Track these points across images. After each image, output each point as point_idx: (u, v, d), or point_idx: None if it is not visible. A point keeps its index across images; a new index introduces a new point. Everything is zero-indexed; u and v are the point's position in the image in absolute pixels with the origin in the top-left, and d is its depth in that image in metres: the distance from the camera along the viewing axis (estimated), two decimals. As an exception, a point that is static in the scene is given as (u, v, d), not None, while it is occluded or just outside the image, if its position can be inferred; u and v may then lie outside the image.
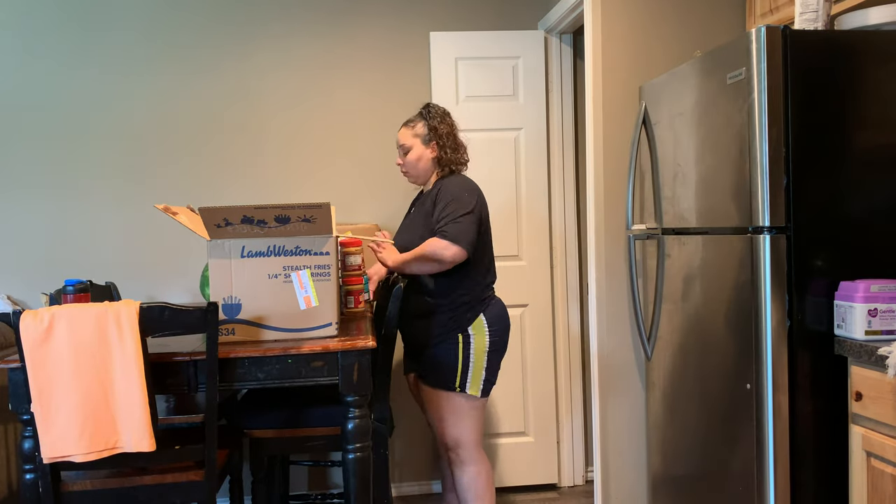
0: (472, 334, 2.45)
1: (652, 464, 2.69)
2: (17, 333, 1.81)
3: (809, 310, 1.96)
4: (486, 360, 2.46)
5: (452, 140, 2.53)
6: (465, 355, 2.44)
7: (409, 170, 2.57)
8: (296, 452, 2.47)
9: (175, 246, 3.29)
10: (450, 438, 2.49)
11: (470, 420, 2.48)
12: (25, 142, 3.21)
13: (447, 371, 2.44)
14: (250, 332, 2.03)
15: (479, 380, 2.45)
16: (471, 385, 2.45)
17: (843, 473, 1.96)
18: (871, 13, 2.12)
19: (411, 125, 2.56)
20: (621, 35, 2.77)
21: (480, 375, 2.45)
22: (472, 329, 2.45)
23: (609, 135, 2.79)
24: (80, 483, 1.99)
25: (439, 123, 2.52)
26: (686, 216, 2.36)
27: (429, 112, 2.55)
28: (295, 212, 1.94)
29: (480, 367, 2.45)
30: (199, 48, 3.29)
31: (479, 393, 2.45)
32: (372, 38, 3.37)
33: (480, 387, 2.46)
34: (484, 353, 2.45)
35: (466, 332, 2.45)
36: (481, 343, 2.45)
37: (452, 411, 2.46)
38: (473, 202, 2.42)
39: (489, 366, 2.47)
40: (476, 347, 2.45)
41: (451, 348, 2.44)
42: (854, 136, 1.98)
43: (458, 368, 2.43)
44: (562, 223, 3.48)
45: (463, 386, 2.44)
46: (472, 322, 2.46)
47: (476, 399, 2.47)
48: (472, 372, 2.44)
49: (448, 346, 2.45)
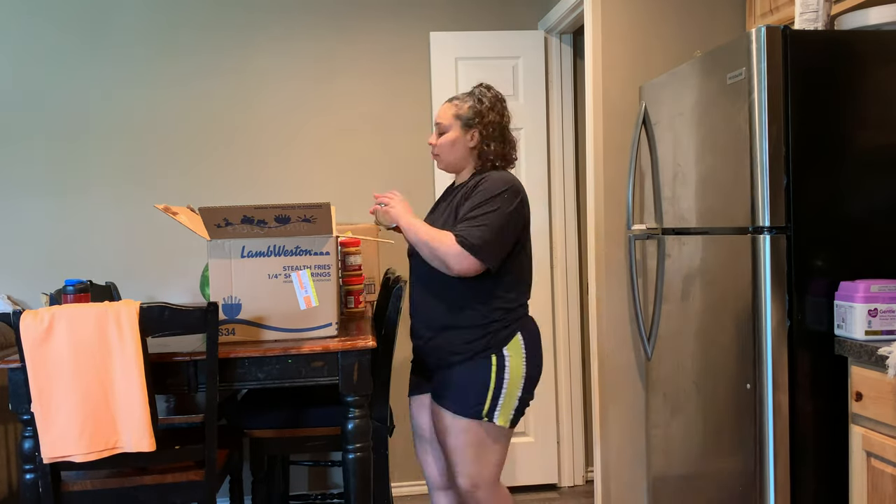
0: (508, 355, 2.09)
1: (652, 464, 2.69)
2: (17, 333, 1.81)
3: (809, 310, 1.96)
4: (523, 386, 2.10)
5: (500, 132, 2.15)
6: (499, 379, 2.07)
7: (440, 152, 2.19)
8: (296, 452, 2.47)
9: (175, 246, 3.29)
10: (466, 477, 2.10)
11: (493, 456, 2.12)
12: (25, 142, 3.21)
13: (474, 396, 2.07)
14: (250, 332, 2.03)
15: (510, 408, 2.09)
16: (500, 414, 2.08)
17: (843, 473, 1.96)
18: (871, 13, 2.12)
19: (455, 103, 2.18)
20: (621, 35, 2.77)
21: (513, 404, 2.09)
22: (508, 350, 2.09)
23: (609, 135, 2.79)
24: (80, 483, 1.99)
25: (488, 109, 2.14)
26: (686, 216, 2.36)
27: (481, 93, 2.17)
28: (295, 212, 1.94)
29: (514, 394, 2.09)
30: (200, 49, 3.29)
31: (507, 423, 2.09)
32: (372, 38, 3.37)
33: (511, 416, 2.09)
34: (521, 378, 2.09)
35: (501, 353, 2.08)
36: (517, 366, 2.09)
37: (474, 443, 2.08)
38: (513, 206, 2.05)
39: (524, 395, 2.11)
40: (512, 371, 2.08)
41: (481, 370, 2.07)
42: (854, 136, 1.98)
43: (488, 394, 2.07)
44: (562, 223, 3.48)
45: (491, 414, 2.07)
46: (509, 341, 2.10)
47: (504, 429, 2.11)
48: (503, 399, 2.08)
49: (477, 367, 2.08)
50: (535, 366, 2.14)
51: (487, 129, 2.13)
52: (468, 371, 2.07)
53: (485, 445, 2.09)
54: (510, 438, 2.17)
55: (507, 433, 2.14)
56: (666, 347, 2.54)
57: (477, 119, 2.13)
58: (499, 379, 2.07)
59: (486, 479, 2.11)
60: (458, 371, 2.08)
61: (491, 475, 2.12)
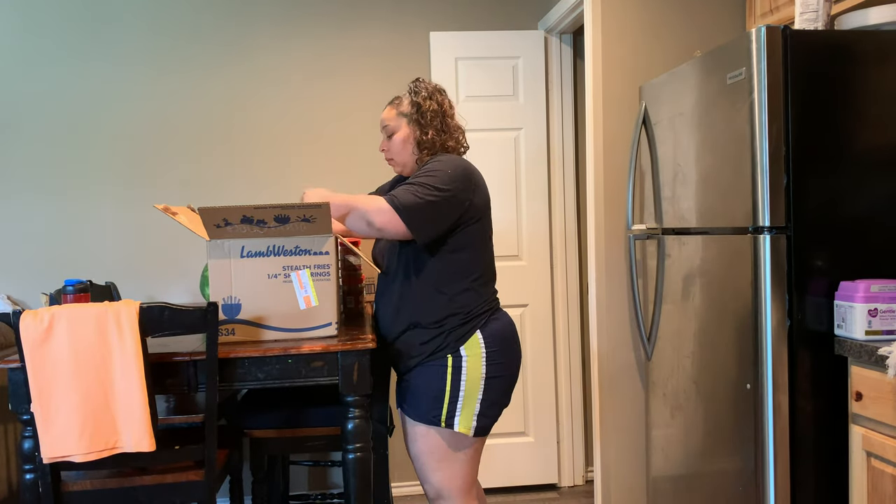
0: (466, 356, 1.97)
1: (652, 464, 2.69)
2: (17, 333, 1.81)
3: (809, 310, 1.96)
4: (483, 389, 1.96)
5: (440, 121, 2.08)
6: (455, 381, 1.96)
7: (394, 155, 2.13)
8: (296, 452, 2.47)
9: (175, 246, 3.29)
10: (430, 486, 2.03)
11: (458, 465, 2.00)
12: (26, 142, 3.21)
13: (431, 400, 1.98)
14: (250, 332, 2.03)
15: (470, 414, 1.96)
16: (460, 420, 1.95)
17: (843, 473, 1.96)
18: (871, 13, 2.12)
19: (396, 102, 2.14)
20: (621, 35, 2.77)
21: (473, 409, 1.96)
22: (466, 349, 1.97)
23: (609, 135, 2.79)
24: (80, 483, 1.99)
25: (425, 99, 2.09)
26: (686, 216, 2.36)
27: (416, 86, 2.13)
28: (294, 211, 1.94)
29: (473, 398, 1.96)
30: (200, 49, 3.28)
31: (469, 431, 1.96)
32: (372, 38, 3.37)
33: (473, 424, 1.96)
34: (479, 379, 1.96)
35: (458, 353, 1.97)
36: (476, 367, 1.96)
37: (434, 452, 1.99)
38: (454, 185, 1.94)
39: (486, 397, 1.97)
40: (469, 372, 1.96)
41: (436, 372, 1.98)
42: (854, 136, 1.98)
43: (445, 398, 1.96)
44: (562, 223, 3.48)
45: (450, 421, 1.96)
46: (466, 340, 1.98)
47: (466, 438, 1.98)
48: (462, 403, 1.96)
49: (433, 369, 1.99)
50: (499, 366, 1.99)
51: (425, 118, 2.07)
52: (425, 373, 2.00)
53: (446, 454, 1.99)
54: (479, 448, 2.03)
55: (472, 442, 2.00)
56: (666, 347, 2.53)
57: (415, 110, 2.08)
58: (455, 381, 1.96)
59: (451, 490, 2.01)
60: (415, 374, 2.03)
61: (456, 487, 2.01)
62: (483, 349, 1.98)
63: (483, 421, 1.98)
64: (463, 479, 2.02)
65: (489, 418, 1.99)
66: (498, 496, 3.40)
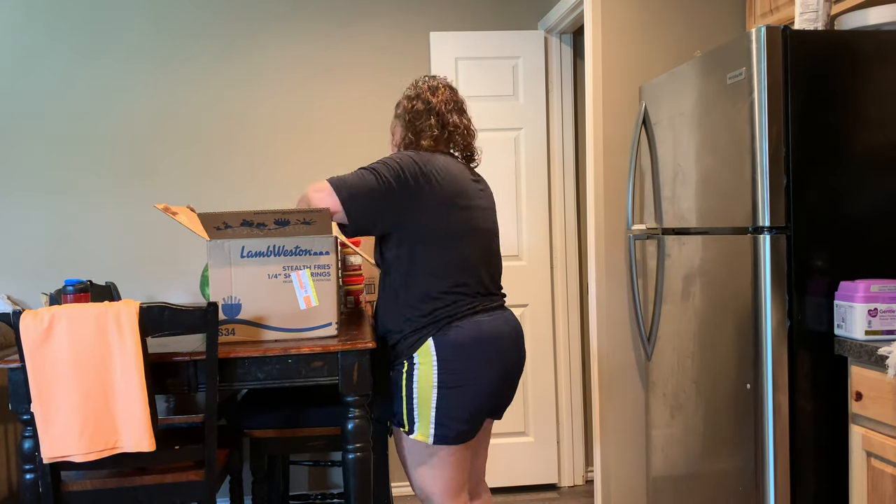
0: (417, 363, 1.93)
1: (652, 464, 2.69)
2: (17, 333, 1.81)
3: (809, 310, 1.96)
4: (436, 398, 1.90)
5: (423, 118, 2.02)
6: (409, 388, 1.94)
7: None
8: (296, 452, 2.47)
9: (175, 246, 3.29)
10: (414, 486, 2.05)
11: (431, 470, 1.97)
12: (26, 142, 3.21)
13: (396, 404, 2.00)
14: (250, 332, 2.03)
15: (426, 423, 1.92)
16: (418, 428, 1.93)
17: (843, 473, 1.96)
18: (871, 13, 2.12)
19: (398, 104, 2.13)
20: (621, 35, 2.77)
21: (428, 418, 1.91)
22: (418, 356, 1.93)
23: (609, 135, 2.79)
24: (80, 483, 1.99)
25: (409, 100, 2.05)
26: (686, 216, 2.36)
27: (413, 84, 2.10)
28: (294, 216, 1.94)
29: (427, 406, 1.91)
30: (200, 48, 3.28)
31: (427, 439, 1.92)
32: (372, 38, 3.37)
33: (430, 432, 1.92)
34: (430, 388, 1.90)
35: (411, 359, 1.95)
36: (426, 374, 1.91)
37: (409, 454, 2.01)
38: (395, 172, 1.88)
39: (440, 406, 1.90)
40: (420, 381, 1.92)
41: (397, 377, 1.99)
42: (854, 136, 1.98)
43: (402, 404, 1.97)
44: (562, 223, 3.48)
45: (410, 428, 1.95)
46: (417, 347, 1.93)
47: (426, 446, 1.95)
48: (417, 412, 1.93)
49: (396, 374, 2.00)
50: (457, 376, 1.89)
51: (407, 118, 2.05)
52: (392, 377, 2.03)
53: (417, 458, 1.98)
54: (450, 455, 1.96)
55: (443, 449, 1.94)
56: (666, 347, 2.54)
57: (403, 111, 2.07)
58: (408, 388, 1.95)
59: (432, 492, 2.00)
60: (390, 377, 2.06)
61: (437, 490, 1.98)
62: (434, 357, 1.91)
63: (442, 430, 1.91)
64: (443, 482, 1.98)
65: (449, 428, 1.91)
66: (498, 496, 3.40)
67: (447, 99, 2.06)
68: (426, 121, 2.02)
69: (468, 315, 1.95)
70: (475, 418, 1.95)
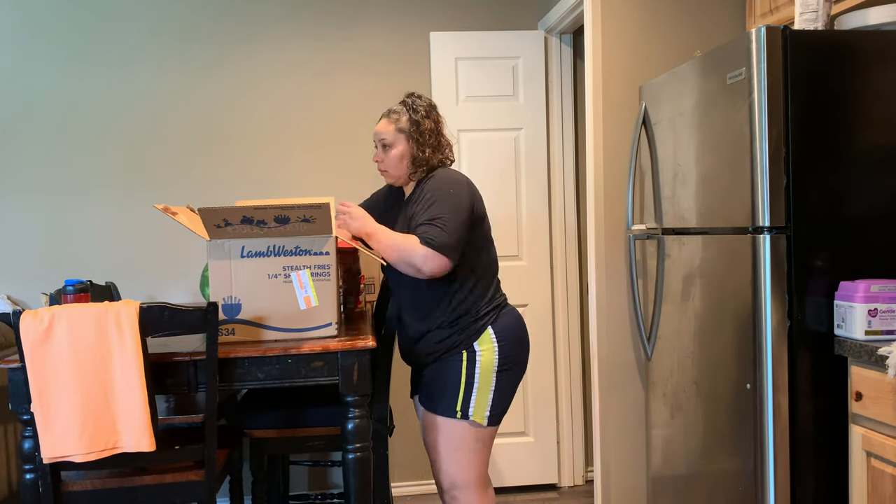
0: (479, 350, 2.10)
1: (652, 464, 2.69)
2: (17, 333, 1.81)
3: (809, 310, 1.96)
4: (495, 380, 2.10)
5: (435, 138, 2.19)
6: (470, 375, 2.09)
7: (388, 168, 2.20)
8: (296, 452, 2.47)
9: (175, 246, 3.29)
10: (445, 476, 2.14)
11: (472, 455, 2.12)
12: (26, 142, 3.21)
13: (447, 394, 2.11)
14: (250, 332, 2.03)
15: (484, 405, 2.10)
16: (475, 410, 2.09)
17: (843, 473, 1.96)
18: (871, 13, 2.12)
19: (394, 117, 2.19)
20: (621, 35, 2.77)
21: (487, 399, 2.10)
22: (479, 344, 2.11)
23: (609, 135, 2.79)
24: (80, 483, 1.99)
25: (423, 118, 2.18)
26: (686, 216, 2.36)
27: (413, 102, 2.21)
28: (294, 212, 1.94)
29: (487, 389, 2.10)
30: (199, 48, 3.28)
31: (484, 421, 2.10)
32: (372, 38, 3.37)
33: (486, 413, 2.10)
34: (492, 372, 2.10)
35: (472, 348, 2.11)
36: (489, 360, 2.10)
37: (450, 442, 2.12)
38: (463, 202, 2.08)
39: (498, 388, 2.11)
40: (482, 365, 2.10)
41: (452, 367, 2.11)
42: (854, 136, 1.98)
43: (460, 390, 2.10)
44: (562, 223, 3.48)
45: (465, 412, 2.09)
46: (480, 335, 2.11)
47: (481, 429, 2.11)
48: (476, 395, 2.09)
49: (449, 364, 2.12)
50: (509, 359, 2.13)
51: (423, 137, 2.17)
52: (442, 368, 2.13)
53: (459, 444, 2.11)
54: (491, 438, 2.15)
55: (486, 432, 2.13)
56: (666, 347, 2.54)
57: (415, 128, 2.17)
58: (469, 375, 2.09)
59: (466, 479, 2.12)
60: (433, 369, 2.15)
61: (470, 477, 2.12)
62: (495, 344, 2.11)
63: (496, 410, 2.11)
64: (477, 469, 2.13)
65: (501, 409, 2.12)
66: (498, 496, 3.40)
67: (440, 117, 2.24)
68: (439, 141, 2.20)
69: (506, 304, 2.20)
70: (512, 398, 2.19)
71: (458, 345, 2.11)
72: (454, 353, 2.12)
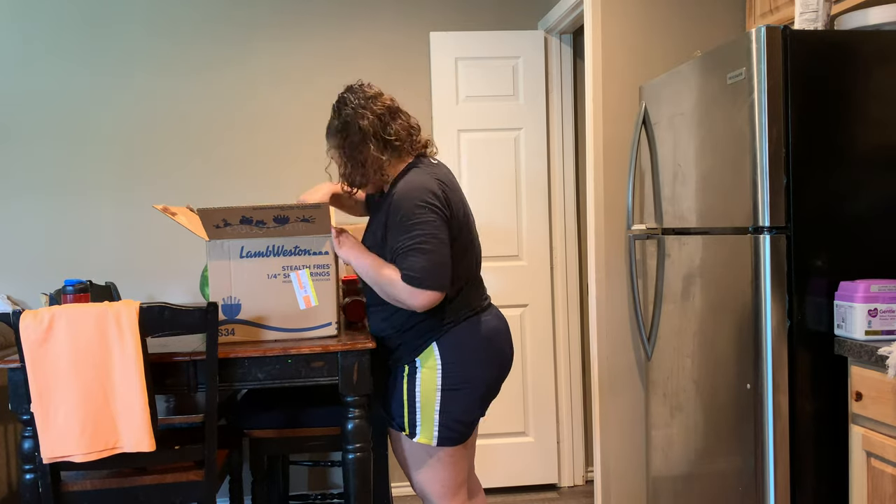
0: (420, 367, 1.94)
1: (652, 464, 2.69)
2: (17, 333, 1.81)
3: (809, 310, 1.96)
4: (440, 401, 1.91)
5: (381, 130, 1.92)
6: (410, 392, 1.94)
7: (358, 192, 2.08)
8: (296, 452, 2.47)
9: (175, 246, 3.29)
10: (414, 486, 2.06)
11: (433, 471, 1.98)
12: (26, 142, 3.21)
13: (396, 408, 1.99)
14: (250, 332, 2.03)
15: (430, 426, 1.92)
16: (421, 431, 1.93)
17: (843, 473, 1.96)
18: (871, 13, 2.12)
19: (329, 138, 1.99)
20: (621, 35, 2.77)
21: (432, 420, 1.92)
22: (420, 360, 1.94)
23: (609, 135, 2.79)
24: (80, 483, 1.99)
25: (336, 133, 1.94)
26: (686, 216, 2.36)
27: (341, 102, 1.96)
28: (293, 212, 1.94)
29: (430, 409, 1.91)
30: (199, 49, 3.28)
31: (431, 441, 1.93)
32: (372, 38, 3.37)
33: (434, 434, 1.92)
34: (434, 391, 1.91)
35: (413, 364, 1.95)
36: (430, 378, 1.92)
37: (409, 456, 2.02)
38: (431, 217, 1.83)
39: (444, 409, 1.91)
40: (423, 384, 1.92)
41: (397, 381, 1.99)
42: (854, 136, 1.98)
43: (404, 408, 1.96)
44: (562, 223, 3.48)
45: (412, 431, 1.95)
46: (420, 351, 1.94)
47: (429, 448, 1.95)
48: (420, 415, 1.93)
49: (396, 378, 2.00)
50: (458, 378, 1.91)
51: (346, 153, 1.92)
52: (392, 381, 2.02)
53: (417, 459, 1.99)
54: (453, 453, 1.97)
55: (444, 450, 1.95)
56: (666, 347, 2.53)
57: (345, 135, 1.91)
58: (410, 392, 1.95)
59: (432, 493, 2.01)
60: (388, 380, 2.05)
61: (436, 491, 2.00)
62: (438, 361, 1.92)
63: (447, 431, 1.93)
64: (441, 483, 1.99)
65: (454, 428, 1.93)
66: (498, 496, 3.40)
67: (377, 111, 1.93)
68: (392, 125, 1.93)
69: (466, 319, 1.96)
70: (476, 418, 1.98)
71: (400, 358, 1.98)
72: (398, 367, 2.00)
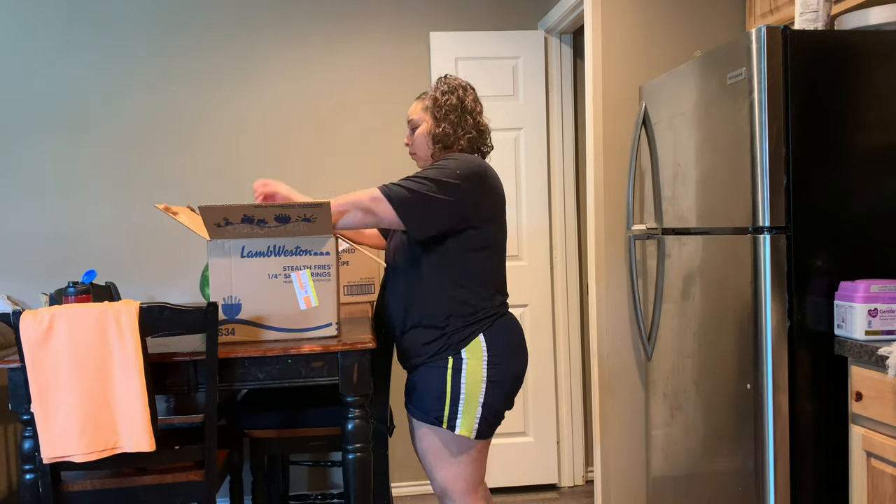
0: (466, 358, 1.96)
1: (652, 464, 2.69)
2: (17, 333, 1.81)
3: (809, 310, 1.96)
4: (484, 392, 1.95)
5: (457, 115, 2.05)
6: (456, 384, 1.95)
7: (416, 150, 2.13)
8: (296, 452, 2.47)
9: (175, 246, 3.29)
10: (436, 484, 2.05)
11: (460, 467, 2.00)
12: (26, 142, 3.21)
13: (432, 401, 1.97)
14: (250, 332, 2.03)
15: (472, 418, 1.95)
16: (462, 423, 1.95)
17: (843, 473, 1.96)
18: (871, 13, 2.12)
19: (423, 97, 2.13)
20: (621, 35, 2.77)
21: (474, 412, 1.95)
22: (467, 352, 1.96)
23: (609, 135, 2.79)
24: (80, 483, 1.99)
25: (444, 93, 2.07)
26: (686, 216, 2.36)
27: (440, 81, 2.12)
28: (295, 211, 1.94)
29: (475, 401, 1.94)
30: (199, 47, 3.28)
31: (471, 434, 1.95)
32: (372, 38, 3.37)
33: (474, 427, 1.95)
34: (480, 383, 1.95)
35: (459, 355, 1.96)
36: (476, 370, 1.95)
37: (438, 452, 2.01)
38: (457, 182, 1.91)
39: (487, 401, 1.95)
40: (469, 375, 1.94)
41: (438, 373, 1.97)
42: (854, 136, 1.98)
43: (446, 399, 1.95)
44: (562, 223, 3.48)
45: (452, 423, 1.95)
46: (468, 343, 1.96)
47: (468, 440, 1.98)
48: (462, 407, 1.95)
49: (435, 371, 1.98)
50: (502, 370, 1.97)
51: (441, 111, 2.06)
52: (427, 374, 1.99)
53: (448, 454, 2.00)
54: (483, 449, 2.02)
55: (475, 444, 2.00)
56: (666, 347, 2.54)
57: (433, 103, 2.07)
58: (455, 384, 1.95)
59: (455, 489, 2.02)
60: (419, 373, 2.02)
61: (460, 487, 2.01)
62: (485, 353, 1.97)
63: (485, 424, 1.97)
64: (466, 479, 2.02)
65: (491, 422, 1.98)
66: (498, 496, 3.40)
67: (475, 99, 2.11)
68: (463, 119, 2.07)
69: (505, 314, 2.06)
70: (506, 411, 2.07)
71: (444, 349, 1.97)
72: (440, 359, 1.98)
